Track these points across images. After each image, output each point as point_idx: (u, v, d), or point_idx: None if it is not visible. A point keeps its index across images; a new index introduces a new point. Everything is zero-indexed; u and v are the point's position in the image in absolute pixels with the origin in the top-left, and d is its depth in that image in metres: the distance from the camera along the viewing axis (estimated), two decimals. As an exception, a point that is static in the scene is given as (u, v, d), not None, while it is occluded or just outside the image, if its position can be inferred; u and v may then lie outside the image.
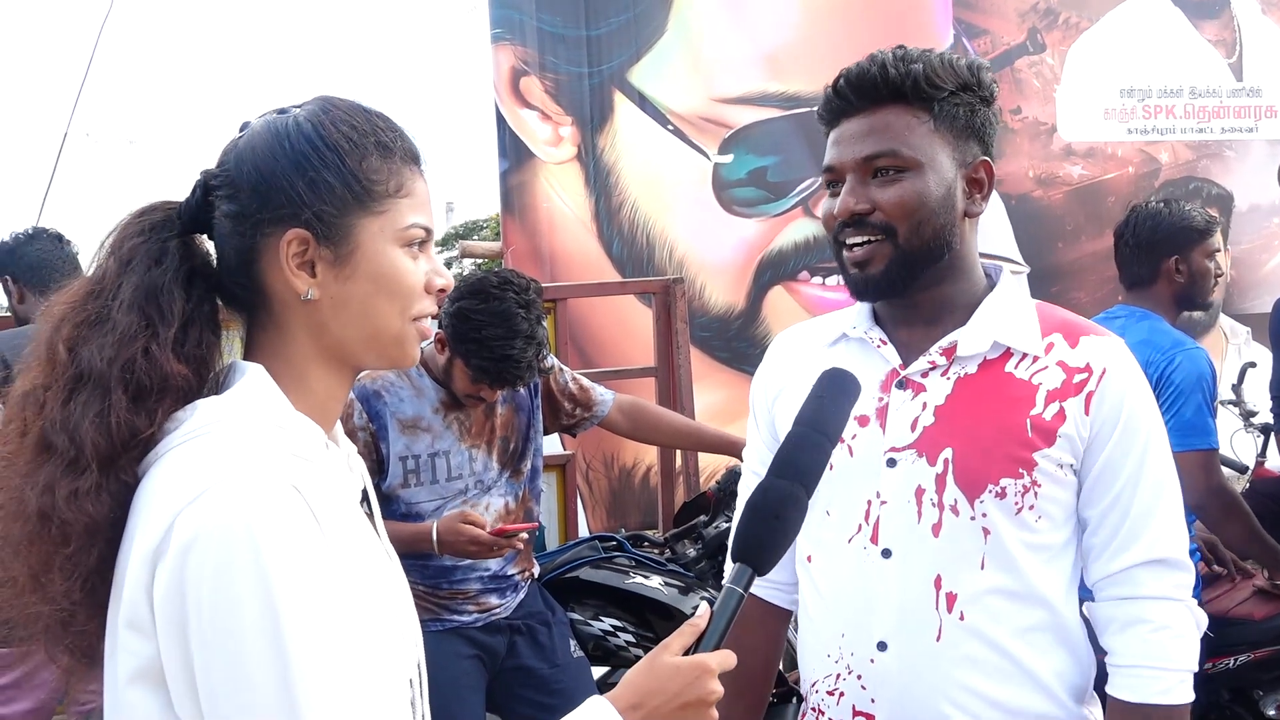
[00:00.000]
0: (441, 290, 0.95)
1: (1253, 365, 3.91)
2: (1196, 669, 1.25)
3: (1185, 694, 1.23)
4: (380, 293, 0.91)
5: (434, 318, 0.99)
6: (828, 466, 1.28)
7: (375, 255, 0.90)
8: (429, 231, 0.94)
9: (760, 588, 1.43)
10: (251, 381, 0.89)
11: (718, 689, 0.93)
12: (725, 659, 0.94)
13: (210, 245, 0.93)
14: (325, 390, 0.93)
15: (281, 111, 0.93)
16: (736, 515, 1.07)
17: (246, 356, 0.93)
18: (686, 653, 0.94)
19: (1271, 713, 2.55)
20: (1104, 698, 1.28)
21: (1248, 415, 3.82)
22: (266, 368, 0.90)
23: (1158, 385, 2.23)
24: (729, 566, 1.04)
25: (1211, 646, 2.25)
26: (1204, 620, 1.27)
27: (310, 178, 0.88)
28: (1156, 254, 2.38)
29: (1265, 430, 3.68)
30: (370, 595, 0.88)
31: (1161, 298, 2.40)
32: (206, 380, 0.90)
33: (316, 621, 0.79)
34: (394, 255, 0.91)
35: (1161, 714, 1.22)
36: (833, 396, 1.07)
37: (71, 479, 0.83)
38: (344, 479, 0.94)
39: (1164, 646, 1.23)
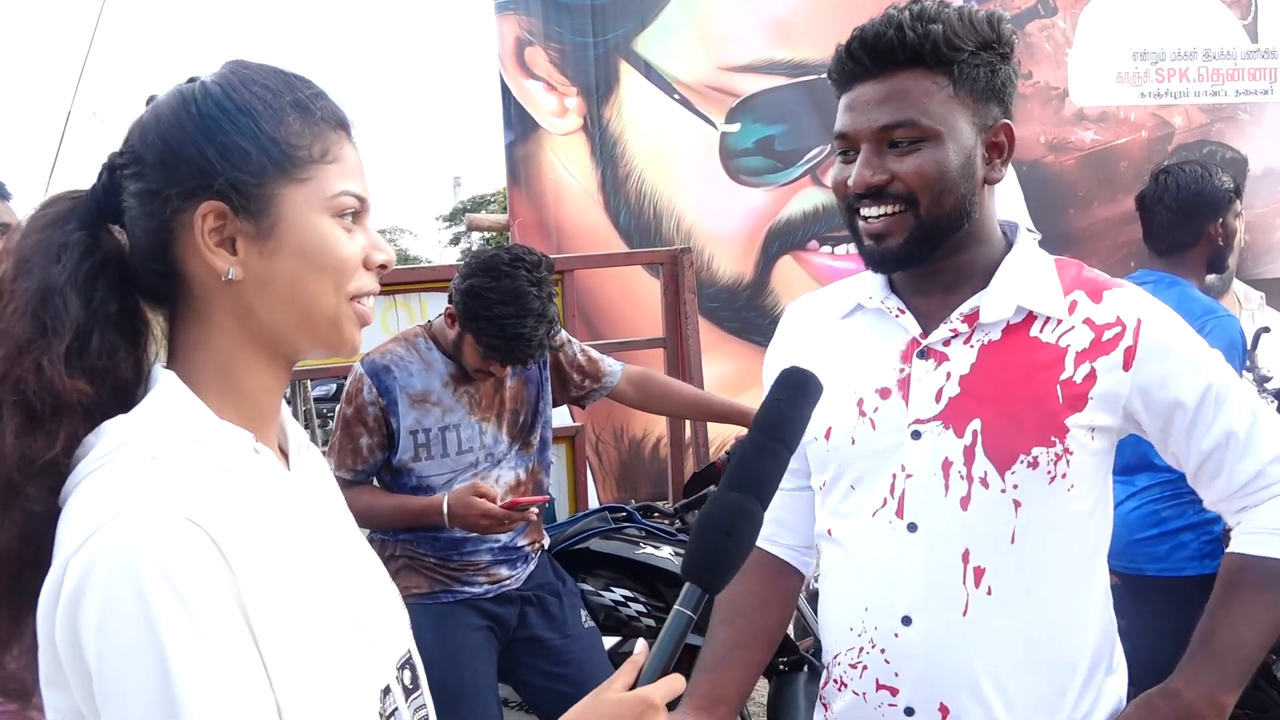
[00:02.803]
0: (382, 266, 0.87)
1: (1266, 330, 3.87)
2: None
3: None
4: (310, 268, 0.82)
5: (379, 294, 0.90)
6: (849, 441, 1.26)
7: (301, 226, 0.82)
8: (363, 201, 0.86)
9: (777, 548, 1.42)
10: (162, 393, 0.81)
11: None
12: (671, 687, 0.89)
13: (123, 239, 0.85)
14: (257, 383, 0.85)
15: (191, 80, 0.84)
16: None
17: (170, 355, 0.85)
18: (631, 689, 0.88)
19: (1285, 678, 2.54)
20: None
21: (1261, 380, 3.80)
22: (190, 364, 0.83)
23: None
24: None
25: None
26: None
27: (221, 143, 0.80)
28: (1200, 218, 2.36)
29: (1279, 395, 3.66)
30: (305, 623, 0.79)
31: (1195, 262, 2.38)
32: (120, 392, 0.81)
33: (210, 674, 0.71)
34: (322, 225, 0.83)
35: None
36: (790, 400, 1.00)
37: None
38: (280, 484, 0.85)
39: None
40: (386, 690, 0.86)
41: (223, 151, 0.80)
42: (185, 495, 0.75)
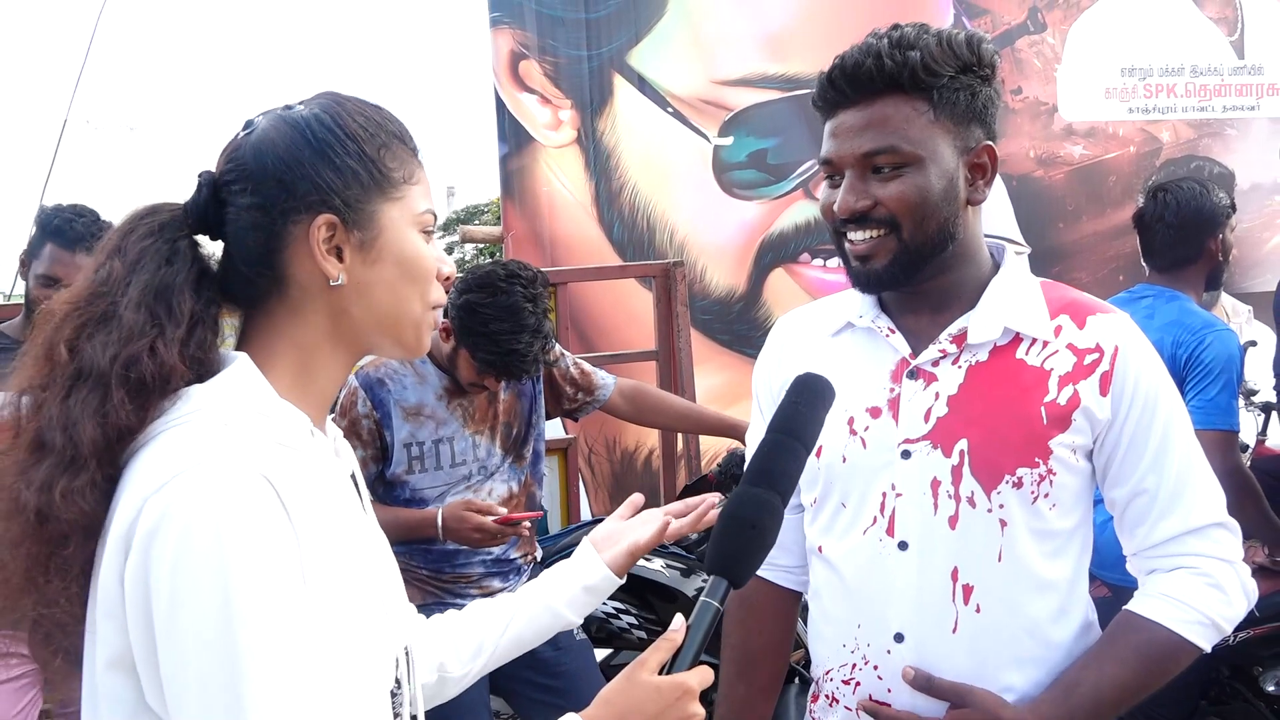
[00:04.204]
0: (448, 278, 0.98)
1: (1254, 344, 3.91)
2: (1227, 632, 1.22)
3: (1201, 639, 1.21)
4: (404, 276, 0.93)
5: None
6: (840, 459, 1.28)
7: (398, 239, 0.93)
8: (436, 218, 0.98)
9: (768, 571, 1.43)
10: (238, 369, 0.89)
11: (698, 711, 0.92)
12: (704, 676, 0.93)
13: (211, 247, 0.94)
14: (328, 377, 0.95)
15: (288, 108, 0.94)
16: None
17: (241, 346, 0.93)
18: (663, 669, 0.92)
19: (1271, 689, 2.56)
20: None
21: (1249, 394, 3.83)
22: (269, 351, 0.91)
23: (1188, 364, 2.23)
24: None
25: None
26: (1253, 590, 1.23)
27: (335, 165, 0.90)
28: (1201, 234, 2.37)
29: (1266, 408, 3.69)
30: (346, 589, 0.86)
31: (1195, 278, 2.40)
32: (205, 377, 0.89)
33: (272, 620, 0.78)
34: (415, 239, 0.94)
35: (1165, 636, 1.20)
36: (808, 402, 1.05)
37: (69, 477, 0.82)
38: (330, 466, 0.93)
39: (1201, 590, 1.21)
40: (397, 662, 0.93)
41: (338, 173, 0.91)
42: (259, 456, 0.82)
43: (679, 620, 0.93)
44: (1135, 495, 1.24)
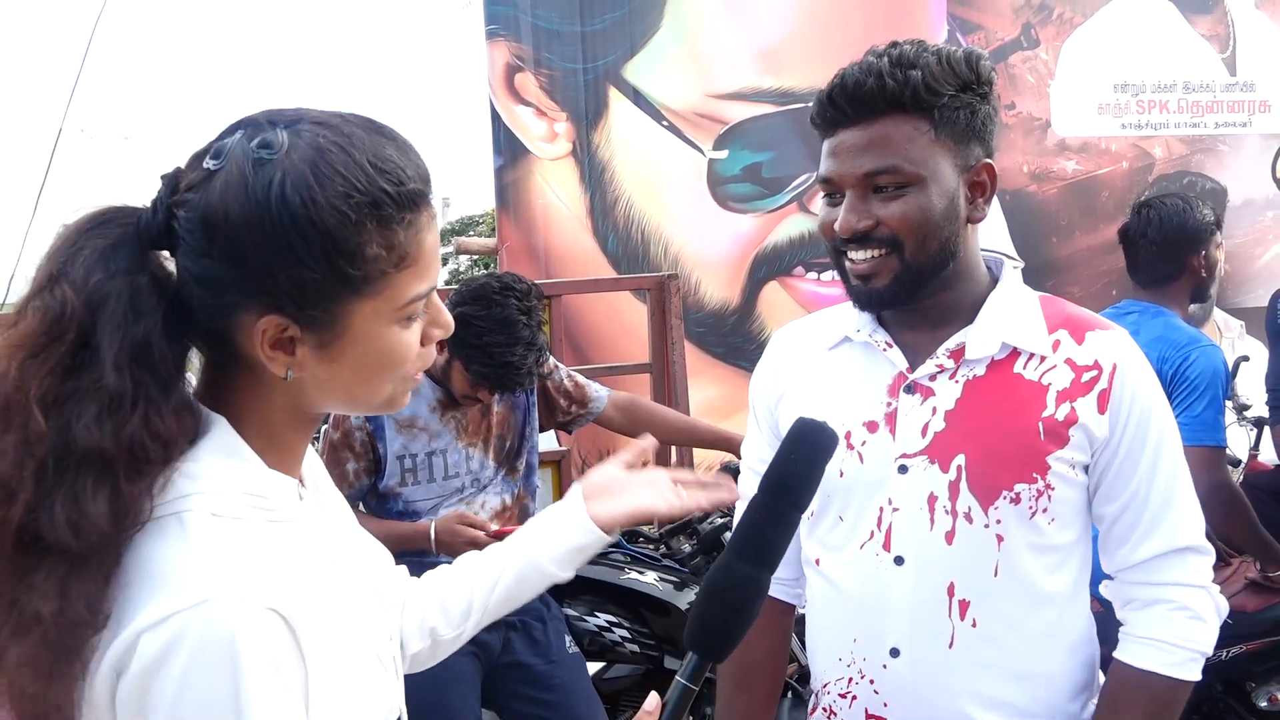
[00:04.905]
0: (438, 341, 0.86)
1: (1246, 359, 3.92)
2: (1210, 654, 1.23)
3: (1193, 673, 1.22)
4: (370, 373, 0.81)
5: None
6: (838, 474, 1.26)
7: (368, 338, 0.79)
8: (434, 288, 0.83)
9: (773, 586, 1.42)
10: (218, 443, 0.79)
11: None
12: None
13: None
14: (298, 436, 0.86)
15: (267, 149, 0.76)
16: (737, 513, 1.01)
17: (207, 389, 0.83)
18: None
19: (1264, 704, 2.56)
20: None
21: (1241, 409, 3.84)
22: (236, 412, 0.81)
23: (1173, 380, 2.23)
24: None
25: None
26: (1224, 607, 1.26)
27: (293, 272, 0.75)
28: (1183, 251, 2.38)
29: (1258, 423, 3.71)
30: (346, 670, 0.81)
31: (1179, 294, 2.41)
32: (193, 423, 0.80)
33: None
34: (390, 335, 0.80)
35: (1163, 684, 1.21)
36: (806, 457, 0.96)
37: (79, 582, 0.71)
38: (318, 526, 0.87)
39: (1182, 625, 1.22)
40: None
41: (295, 280, 0.76)
42: (262, 579, 0.74)
43: (654, 699, 0.89)
44: (1122, 512, 1.24)
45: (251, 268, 0.75)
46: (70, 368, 0.74)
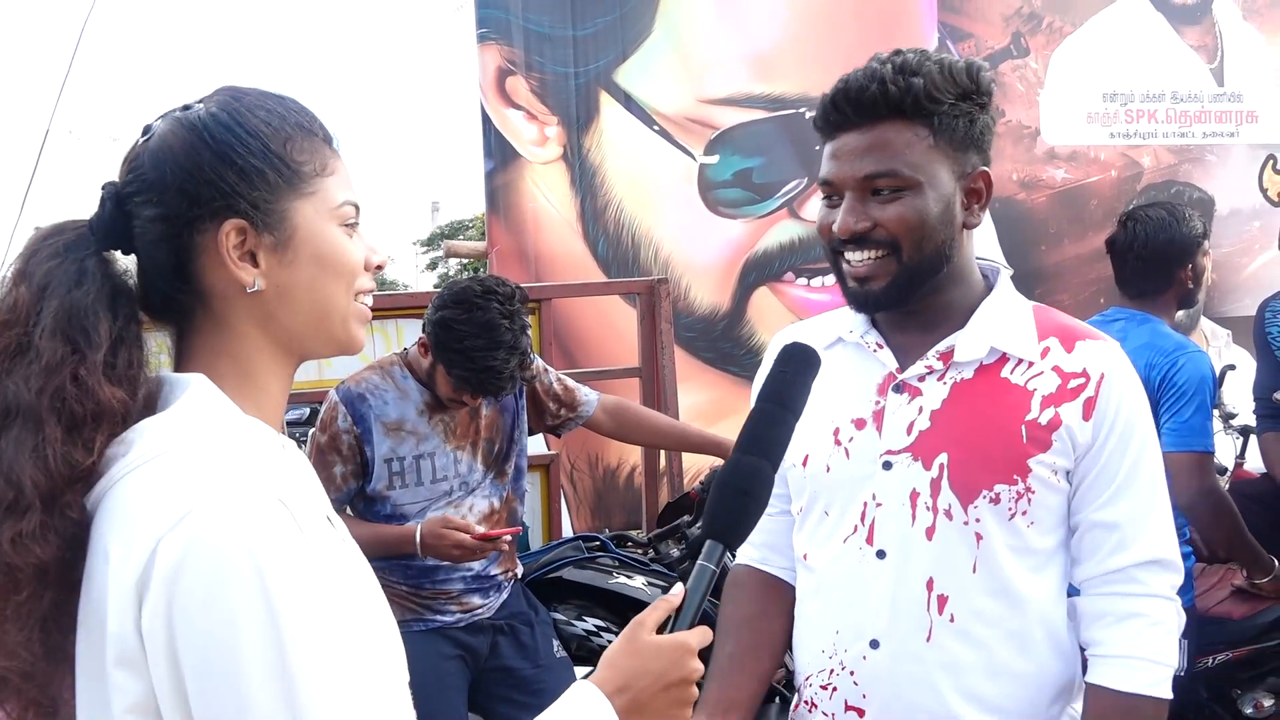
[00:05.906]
0: (379, 267, 0.95)
1: (1232, 368, 3.94)
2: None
3: (1169, 690, 1.24)
4: (325, 272, 0.90)
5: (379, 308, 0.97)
6: (824, 469, 1.30)
7: (315, 236, 0.89)
8: (358, 209, 0.93)
9: (770, 569, 1.44)
10: (197, 394, 0.85)
11: (699, 666, 0.94)
12: (704, 635, 0.95)
13: (125, 262, 0.90)
14: (275, 382, 0.91)
15: (185, 108, 0.89)
16: None
17: (181, 365, 0.89)
18: (661, 629, 0.94)
19: (1249, 711, 2.57)
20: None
21: (1227, 417, 3.86)
22: (212, 369, 0.87)
23: (1161, 387, 2.24)
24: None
25: (1190, 646, 2.27)
26: (1183, 621, 1.28)
27: (239, 166, 0.86)
28: (1171, 265, 2.39)
29: (1245, 432, 3.72)
30: (359, 600, 0.86)
31: (1167, 304, 2.42)
32: (150, 399, 0.86)
33: (320, 640, 0.77)
34: (332, 233, 0.90)
35: (1150, 706, 1.22)
36: (796, 370, 1.07)
37: (14, 522, 0.78)
38: (307, 480, 0.91)
39: (1159, 641, 1.23)
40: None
41: (241, 174, 0.86)
42: (265, 479, 0.80)
43: (679, 586, 0.97)
44: (1095, 522, 1.25)
45: (203, 179, 0.85)
46: (22, 345, 0.82)
